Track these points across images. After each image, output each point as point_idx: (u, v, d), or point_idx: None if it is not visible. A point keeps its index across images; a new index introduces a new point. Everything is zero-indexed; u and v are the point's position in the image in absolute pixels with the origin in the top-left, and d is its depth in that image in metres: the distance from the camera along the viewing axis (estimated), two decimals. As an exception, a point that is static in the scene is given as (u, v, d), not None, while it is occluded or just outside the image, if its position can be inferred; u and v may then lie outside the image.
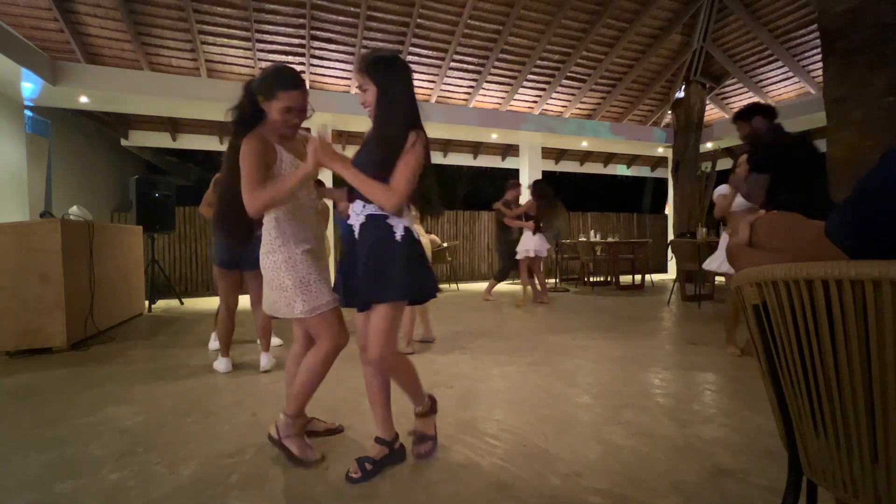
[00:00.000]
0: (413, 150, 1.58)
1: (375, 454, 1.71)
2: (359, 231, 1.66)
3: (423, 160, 1.62)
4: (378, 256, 1.61)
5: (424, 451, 1.81)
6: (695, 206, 8.18)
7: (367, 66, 1.62)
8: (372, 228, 1.64)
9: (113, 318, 4.66)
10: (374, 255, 1.61)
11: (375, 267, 1.61)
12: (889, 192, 0.73)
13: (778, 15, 7.54)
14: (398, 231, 1.63)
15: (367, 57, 1.65)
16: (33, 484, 1.66)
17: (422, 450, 1.81)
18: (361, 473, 1.64)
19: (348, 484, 1.62)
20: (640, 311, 5.49)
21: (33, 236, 3.67)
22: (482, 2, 7.09)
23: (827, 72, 3.85)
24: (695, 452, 1.82)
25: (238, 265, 3.07)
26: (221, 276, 3.09)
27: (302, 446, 1.79)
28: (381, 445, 1.74)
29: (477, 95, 8.39)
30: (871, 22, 3.49)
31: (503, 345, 3.78)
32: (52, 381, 2.95)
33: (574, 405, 2.38)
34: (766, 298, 0.85)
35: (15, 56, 5.13)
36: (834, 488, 0.85)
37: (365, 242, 1.64)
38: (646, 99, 9.58)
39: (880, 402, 0.74)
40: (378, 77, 1.61)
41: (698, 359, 3.27)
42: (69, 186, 7.39)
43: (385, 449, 1.74)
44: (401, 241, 1.63)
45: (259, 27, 6.57)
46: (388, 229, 1.63)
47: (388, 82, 1.62)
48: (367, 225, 1.65)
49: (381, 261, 1.61)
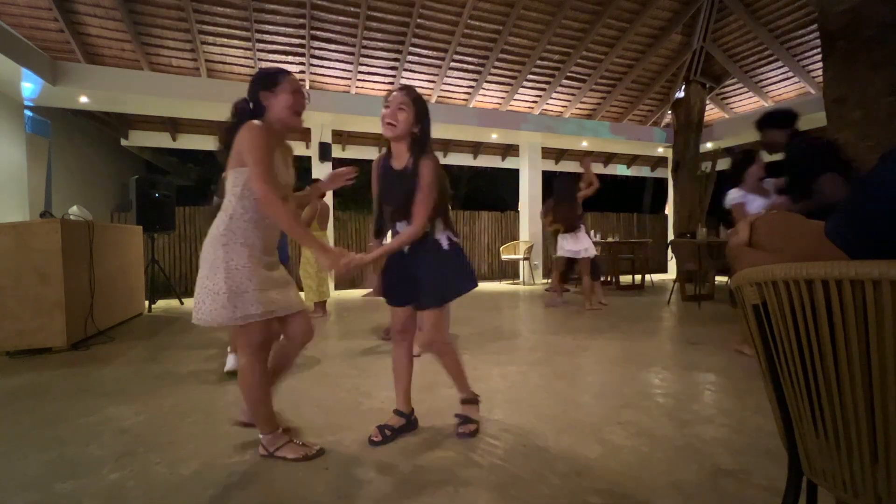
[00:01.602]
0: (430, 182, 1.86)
1: (394, 423, 2.00)
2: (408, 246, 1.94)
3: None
4: (431, 264, 1.92)
5: (468, 431, 2.00)
6: (695, 206, 8.18)
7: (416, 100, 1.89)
8: (421, 244, 1.92)
9: (113, 318, 4.66)
10: (428, 264, 1.92)
11: (431, 274, 1.91)
12: (889, 192, 0.73)
13: (778, 15, 7.54)
14: (444, 243, 1.96)
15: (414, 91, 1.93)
16: (33, 484, 1.66)
17: (465, 430, 2.00)
18: (381, 437, 1.93)
19: (348, 482, 1.62)
20: (640, 311, 5.49)
21: (33, 236, 3.67)
22: (482, 2, 7.09)
23: (827, 72, 3.85)
24: (695, 452, 1.82)
25: None
26: None
27: (296, 449, 1.79)
28: (399, 417, 2.03)
29: (477, 95, 8.39)
30: (871, 22, 3.50)
31: (503, 345, 3.78)
32: (52, 381, 2.95)
33: (574, 405, 2.38)
34: (766, 298, 0.85)
35: (15, 56, 5.13)
36: (834, 488, 0.85)
37: (416, 255, 1.94)
38: (646, 99, 9.58)
39: (880, 402, 0.74)
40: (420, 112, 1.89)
41: (698, 359, 3.27)
42: (69, 186, 7.39)
43: (402, 420, 2.02)
44: (448, 250, 1.96)
45: (259, 27, 6.57)
46: (436, 244, 1.95)
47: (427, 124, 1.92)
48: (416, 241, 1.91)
49: (436, 268, 1.92)
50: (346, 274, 1.61)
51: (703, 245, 5.75)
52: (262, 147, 1.61)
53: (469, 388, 2.12)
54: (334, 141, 8.51)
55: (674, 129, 8.70)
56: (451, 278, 1.95)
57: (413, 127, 1.85)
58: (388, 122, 1.84)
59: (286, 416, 2.27)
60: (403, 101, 1.84)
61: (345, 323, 5.04)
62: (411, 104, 1.84)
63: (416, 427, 2.08)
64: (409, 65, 7.65)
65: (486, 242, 10.33)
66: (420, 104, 1.88)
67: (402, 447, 1.91)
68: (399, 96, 1.85)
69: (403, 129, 1.84)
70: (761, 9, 7.62)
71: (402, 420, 2.03)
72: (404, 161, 1.88)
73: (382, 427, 1.96)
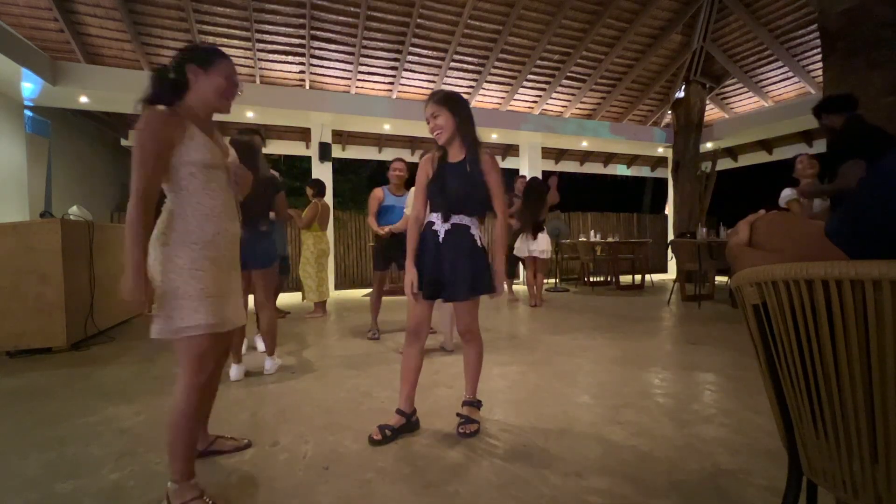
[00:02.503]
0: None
1: (395, 423, 2.00)
2: (443, 236, 1.99)
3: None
4: (468, 256, 1.97)
5: (469, 430, 2.01)
6: (695, 206, 8.18)
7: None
8: (458, 236, 1.99)
9: (113, 318, 4.66)
10: (465, 255, 1.97)
11: (467, 265, 1.96)
12: (889, 192, 0.73)
13: (778, 15, 7.54)
14: (478, 239, 2.04)
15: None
16: (33, 484, 1.66)
17: (465, 430, 2.02)
18: (382, 437, 1.94)
19: (347, 481, 1.62)
20: (640, 311, 5.48)
21: (33, 236, 3.67)
22: (482, 2, 7.09)
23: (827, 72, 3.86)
24: (695, 452, 1.82)
25: (245, 265, 2.91)
26: None
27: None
28: (400, 416, 2.03)
29: (477, 95, 8.39)
30: (871, 22, 3.50)
31: (503, 345, 3.78)
32: (52, 381, 2.95)
33: (574, 405, 2.38)
34: (766, 298, 0.85)
35: (15, 56, 5.13)
36: (834, 488, 0.85)
37: (451, 247, 1.98)
38: (646, 99, 9.58)
39: (880, 402, 0.74)
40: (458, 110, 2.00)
41: (698, 359, 3.27)
42: (69, 186, 7.39)
43: (403, 419, 2.03)
44: (482, 247, 2.04)
45: (259, 27, 6.57)
46: (472, 238, 2.01)
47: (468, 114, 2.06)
48: (451, 232, 1.99)
49: (473, 261, 1.97)
50: (134, 304, 1.39)
51: (703, 245, 5.75)
52: (147, 146, 1.37)
53: (476, 391, 2.15)
54: (334, 141, 8.51)
55: (674, 129, 8.71)
56: (482, 274, 2.00)
57: (457, 125, 1.98)
58: (435, 134, 1.99)
59: (287, 415, 2.28)
60: (433, 110, 1.97)
61: (345, 323, 5.03)
62: (441, 106, 1.96)
63: (418, 427, 2.09)
64: (409, 65, 7.64)
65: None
66: (450, 101, 1.97)
67: (402, 447, 1.92)
68: (429, 107, 1.99)
69: (449, 133, 1.98)
70: (761, 9, 7.62)
71: (403, 420, 2.03)
72: (460, 155, 2.01)
73: (383, 427, 1.97)
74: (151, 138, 1.39)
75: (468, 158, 1.99)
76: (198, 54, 1.52)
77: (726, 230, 6.41)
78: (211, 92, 1.51)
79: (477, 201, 2.01)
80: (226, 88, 1.54)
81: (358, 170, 14.39)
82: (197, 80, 1.50)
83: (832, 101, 2.95)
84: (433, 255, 1.99)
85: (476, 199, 2.01)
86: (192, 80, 1.50)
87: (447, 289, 1.98)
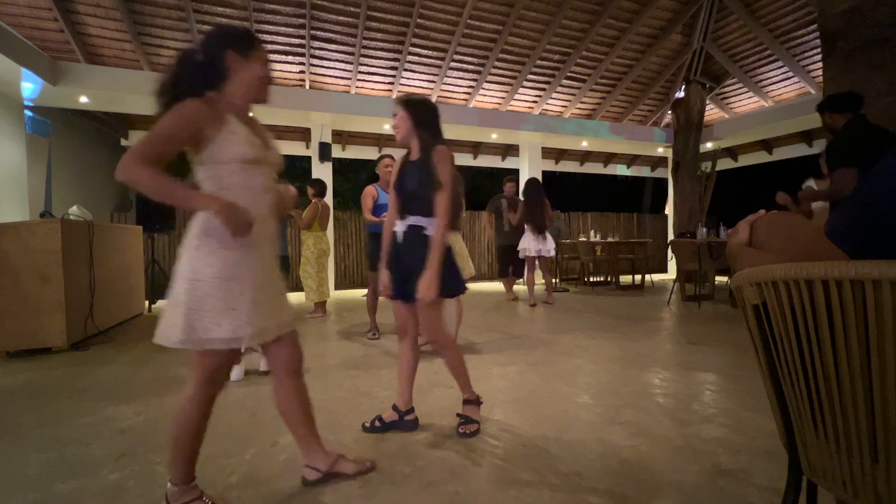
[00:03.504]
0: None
1: (387, 417, 2.08)
2: (401, 237, 1.99)
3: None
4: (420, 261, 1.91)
5: (468, 431, 2.02)
6: (695, 206, 8.18)
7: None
8: (413, 236, 1.96)
9: (113, 318, 4.66)
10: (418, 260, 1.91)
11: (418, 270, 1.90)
12: (889, 192, 0.73)
13: (778, 15, 7.54)
14: None
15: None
16: (33, 484, 1.66)
17: (465, 430, 2.03)
18: (370, 425, 2.06)
19: (348, 481, 1.62)
20: (640, 311, 5.48)
21: (33, 236, 3.67)
22: (482, 2, 7.08)
23: (827, 72, 3.85)
24: (695, 452, 1.82)
25: None
26: None
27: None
28: (394, 412, 2.09)
29: (477, 95, 8.39)
30: (871, 22, 3.50)
31: (503, 345, 3.78)
32: (52, 381, 2.95)
33: (574, 405, 2.38)
34: (766, 298, 0.85)
35: (15, 56, 5.13)
36: (834, 488, 0.85)
37: (410, 248, 1.96)
38: (646, 99, 9.58)
39: (880, 402, 0.74)
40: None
41: (698, 359, 3.27)
42: (69, 186, 7.38)
43: (395, 415, 2.08)
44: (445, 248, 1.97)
45: (259, 27, 6.56)
46: (426, 239, 1.94)
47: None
48: (407, 233, 1.97)
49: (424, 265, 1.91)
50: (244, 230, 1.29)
51: (703, 245, 5.75)
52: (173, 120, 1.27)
53: (471, 388, 2.14)
54: (334, 141, 8.51)
55: (674, 129, 8.70)
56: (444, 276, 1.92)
57: (414, 127, 1.99)
58: (394, 132, 2.04)
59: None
60: (394, 110, 2.02)
61: (345, 323, 5.04)
62: (399, 105, 2.01)
63: (415, 427, 2.09)
64: (409, 65, 7.64)
65: (486, 242, 10.32)
66: (412, 105, 2.00)
67: (402, 447, 1.92)
68: (393, 108, 2.03)
69: (403, 133, 2.01)
70: (761, 9, 7.62)
71: (395, 416, 2.08)
72: (417, 153, 2.02)
73: (376, 417, 2.10)
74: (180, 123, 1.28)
75: (421, 156, 1.99)
76: (237, 39, 1.39)
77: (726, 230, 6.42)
78: (254, 81, 1.40)
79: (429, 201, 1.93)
80: (267, 76, 1.44)
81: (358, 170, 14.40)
82: (237, 67, 1.38)
83: (836, 99, 2.91)
84: (395, 256, 2.04)
85: (428, 199, 1.92)
86: (231, 67, 1.37)
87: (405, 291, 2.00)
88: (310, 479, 1.61)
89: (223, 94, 1.39)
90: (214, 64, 1.37)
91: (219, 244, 1.34)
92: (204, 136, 1.32)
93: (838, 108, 2.85)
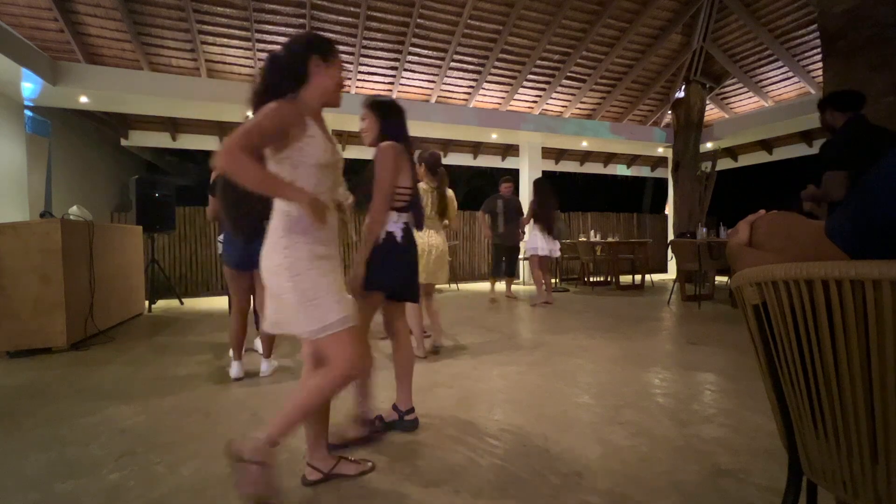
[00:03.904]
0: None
1: (387, 416, 2.10)
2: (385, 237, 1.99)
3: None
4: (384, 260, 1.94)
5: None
6: (695, 206, 8.17)
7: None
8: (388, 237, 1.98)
9: (113, 318, 4.66)
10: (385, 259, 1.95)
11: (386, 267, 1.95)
12: (889, 191, 0.72)
13: (778, 15, 7.53)
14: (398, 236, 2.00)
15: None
16: (33, 484, 1.66)
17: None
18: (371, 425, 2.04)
19: (348, 481, 1.62)
20: (640, 311, 5.48)
21: (33, 236, 3.67)
22: (482, 2, 7.08)
23: (827, 72, 3.85)
24: (695, 452, 1.82)
25: (250, 266, 2.82)
26: (233, 277, 2.95)
27: (267, 479, 1.40)
28: (394, 412, 2.10)
29: (477, 95, 8.39)
30: (871, 22, 3.49)
31: (503, 345, 3.78)
32: (52, 381, 2.95)
33: (574, 405, 2.38)
34: (766, 298, 0.85)
35: (15, 56, 5.13)
36: (834, 488, 0.85)
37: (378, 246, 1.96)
38: (646, 99, 9.58)
39: (880, 402, 0.74)
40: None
41: (698, 359, 3.27)
42: (69, 186, 7.38)
43: (396, 415, 2.09)
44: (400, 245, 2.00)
45: (259, 27, 6.56)
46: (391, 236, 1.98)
47: None
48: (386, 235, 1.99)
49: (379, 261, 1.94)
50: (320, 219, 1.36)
51: (703, 245, 5.75)
52: (270, 117, 1.33)
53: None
54: (334, 141, 8.50)
55: (674, 129, 8.70)
56: (374, 270, 1.92)
57: (380, 129, 2.01)
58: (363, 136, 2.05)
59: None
60: (362, 114, 2.03)
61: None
62: (367, 109, 2.02)
63: (417, 427, 2.09)
64: (409, 65, 7.64)
65: (486, 242, 10.32)
66: (375, 105, 2.03)
67: (401, 447, 1.92)
68: (361, 111, 2.04)
69: (373, 135, 2.02)
70: (761, 9, 7.62)
71: (395, 415, 2.10)
72: None
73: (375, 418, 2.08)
74: (274, 121, 1.34)
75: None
76: (321, 45, 1.48)
77: (726, 230, 6.42)
78: (332, 86, 1.49)
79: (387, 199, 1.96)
80: (342, 82, 1.53)
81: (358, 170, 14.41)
82: (318, 72, 1.46)
83: (840, 96, 2.87)
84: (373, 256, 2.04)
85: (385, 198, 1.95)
86: (314, 72, 1.46)
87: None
88: (310, 479, 1.63)
89: (300, 97, 1.47)
90: (298, 68, 1.46)
91: (304, 240, 1.43)
92: (289, 136, 1.38)
93: (841, 105, 2.82)
